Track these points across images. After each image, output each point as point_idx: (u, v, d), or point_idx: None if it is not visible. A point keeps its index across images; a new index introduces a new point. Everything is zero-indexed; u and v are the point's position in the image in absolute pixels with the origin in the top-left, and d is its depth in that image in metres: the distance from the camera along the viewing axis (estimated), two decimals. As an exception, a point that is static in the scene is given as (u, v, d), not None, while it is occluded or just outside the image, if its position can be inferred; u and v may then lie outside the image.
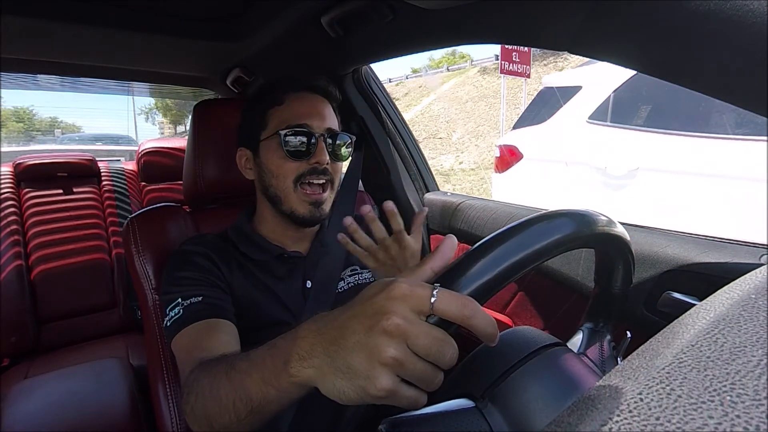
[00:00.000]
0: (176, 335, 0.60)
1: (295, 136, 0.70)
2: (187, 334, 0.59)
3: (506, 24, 0.66)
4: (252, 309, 0.69)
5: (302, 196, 0.71)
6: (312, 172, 0.71)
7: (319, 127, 0.72)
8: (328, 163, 0.71)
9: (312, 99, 0.74)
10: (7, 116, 22.44)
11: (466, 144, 9.48)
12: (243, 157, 0.78)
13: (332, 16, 0.89)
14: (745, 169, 1.84)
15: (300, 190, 0.71)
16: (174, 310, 0.62)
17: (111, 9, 0.97)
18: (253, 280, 0.71)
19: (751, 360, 0.19)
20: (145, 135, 26.06)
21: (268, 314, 0.70)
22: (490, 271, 0.31)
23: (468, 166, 8.53)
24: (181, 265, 0.68)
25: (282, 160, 0.71)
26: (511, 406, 0.37)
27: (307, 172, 0.71)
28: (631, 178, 2.27)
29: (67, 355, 1.42)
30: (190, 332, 0.59)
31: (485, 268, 0.31)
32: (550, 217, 0.35)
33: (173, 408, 0.74)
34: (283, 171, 0.71)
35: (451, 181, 7.71)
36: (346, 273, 0.79)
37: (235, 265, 0.71)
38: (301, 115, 0.71)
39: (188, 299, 0.62)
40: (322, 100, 0.75)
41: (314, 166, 0.70)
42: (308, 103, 0.73)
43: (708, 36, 0.42)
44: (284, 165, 0.71)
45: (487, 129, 9.54)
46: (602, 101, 2.54)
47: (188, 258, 0.69)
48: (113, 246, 1.67)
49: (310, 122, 0.71)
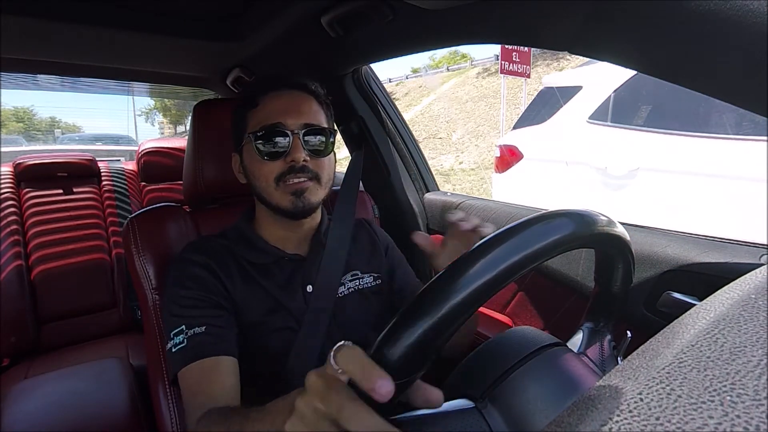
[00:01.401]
0: (182, 369, 0.62)
1: (269, 137, 0.69)
2: (191, 374, 0.62)
3: (506, 24, 0.66)
4: (255, 318, 0.69)
5: (283, 190, 0.70)
6: (290, 171, 0.69)
7: (294, 123, 0.70)
8: (306, 160, 0.69)
9: (288, 95, 0.72)
10: (7, 116, 22.44)
11: (466, 144, 9.48)
12: (235, 161, 0.77)
13: (332, 16, 0.89)
14: (745, 169, 1.84)
15: (281, 186, 0.70)
16: (178, 337, 0.63)
17: (111, 9, 0.97)
18: (255, 288, 0.71)
19: (751, 360, 0.19)
20: (145, 135, 26.09)
21: (272, 322, 0.70)
22: (489, 272, 0.31)
23: (468, 166, 8.53)
24: (182, 281, 0.68)
25: (259, 162, 0.70)
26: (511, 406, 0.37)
27: (286, 171, 0.69)
28: (632, 178, 2.27)
29: (67, 355, 1.42)
30: (194, 371, 0.61)
31: (485, 268, 0.31)
32: (549, 217, 0.35)
33: (173, 408, 0.74)
34: (262, 173, 0.70)
35: (451, 181, 7.71)
36: (347, 278, 0.78)
37: (236, 272, 0.71)
38: (275, 113, 0.70)
39: (192, 328, 0.63)
40: (299, 95, 0.73)
41: (291, 165, 0.69)
42: (284, 100, 0.72)
43: (708, 36, 0.42)
44: (262, 167, 0.70)
45: (487, 129, 9.54)
46: (602, 101, 2.54)
47: (189, 272, 0.68)
48: (113, 246, 1.67)
49: (284, 120, 0.69)
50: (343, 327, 0.74)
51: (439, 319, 0.30)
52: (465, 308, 0.30)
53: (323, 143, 0.72)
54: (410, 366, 0.31)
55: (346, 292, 0.77)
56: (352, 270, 0.80)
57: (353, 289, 0.78)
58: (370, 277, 0.81)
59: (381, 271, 0.83)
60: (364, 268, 0.81)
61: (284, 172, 0.69)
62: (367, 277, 0.81)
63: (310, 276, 0.74)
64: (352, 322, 0.75)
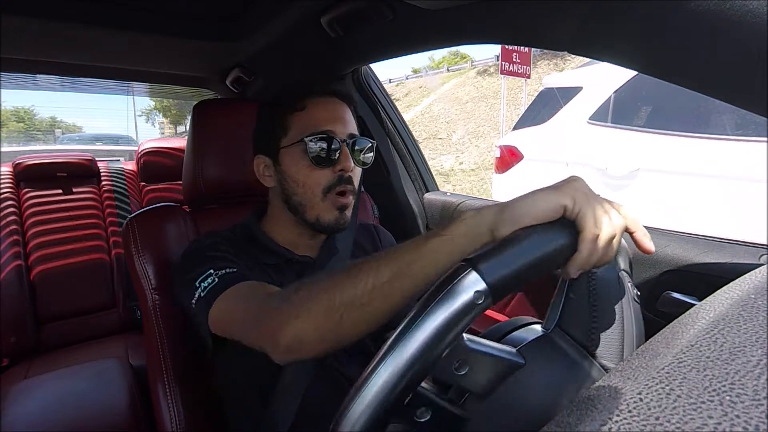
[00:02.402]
0: (220, 297, 0.58)
1: (320, 143, 0.68)
2: (236, 292, 0.58)
3: (506, 24, 0.66)
4: None
5: (331, 203, 0.70)
6: (340, 182, 0.69)
7: (342, 132, 0.70)
8: (352, 170, 0.70)
9: (333, 104, 0.72)
10: (7, 116, 22.46)
11: (467, 144, 9.48)
12: (261, 164, 0.75)
13: (332, 16, 0.89)
14: (745, 170, 1.85)
15: (329, 198, 0.70)
16: (206, 281, 0.59)
17: (111, 9, 0.97)
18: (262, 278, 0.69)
19: (750, 360, 0.19)
20: (145, 135, 26.06)
21: None
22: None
23: (468, 166, 8.53)
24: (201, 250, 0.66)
25: (308, 168, 0.69)
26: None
27: (335, 181, 0.69)
28: (632, 178, 2.27)
29: (67, 355, 1.42)
30: (239, 289, 0.58)
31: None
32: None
33: (173, 408, 0.74)
34: (310, 180, 0.69)
35: (451, 182, 7.72)
36: None
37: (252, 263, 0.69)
38: (324, 120, 0.69)
39: (221, 270, 0.60)
40: (342, 104, 0.73)
41: (340, 174, 0.69)
42: (330, 108, 0.71)
43: (708, 36, 0.42)
44: (311, 174, 0.69)
45: (487, 129, 9.54)
46: (603, 102, 2.54)
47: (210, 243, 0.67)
48: (113, 246, 1.67)
49: (333, 128, 0.69)
50: None
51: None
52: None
53: (368, 155, 0.73)
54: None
55: None
56: None
57: None
58: None
59: None
60: None
61: (333, 183, 0.69)
62: None
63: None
64: None
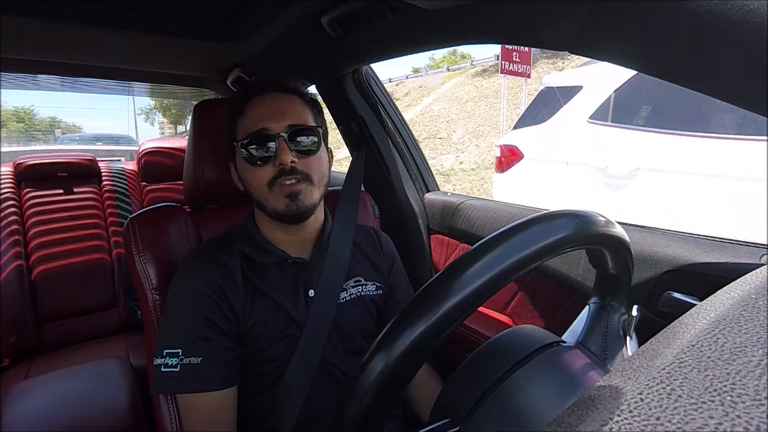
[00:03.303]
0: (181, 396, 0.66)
1: (254, 143, 0.69)
2: (188, 402, 0.66)
3: (506, 24, 0.66)
4: (258, 328, 0.69)
5: (279, 191, 0.70)
6: (281, 174, 0.69)
7: (278, 126, 0.70)
8: (294, 162, 0.69)
9: (271, 98, 0.72)
10: (7, 116, 22.44)
11: (467, 144, 9.48)
12: (232, 169, 0.78)
13: (332, 16, 0.89)
14: (745, 169, 1.84)
15: (275, 189, 0.70)
16: (172, 359, 0.64)
17: (111, 9, 0.97)
18: (259, 298, 0.70)
19: (751, 360, 0.19)
20: (146, 135, 26.11)
21: (275, 329, 0.69)
22: (488, 272, 0.31)
23: (468, 166, 8.53)
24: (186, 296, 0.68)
25: (250, 169, 0.71)
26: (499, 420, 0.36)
27: (276, 174, 0.69)
28: (632, 178, 2.27)
29: (67, 355, 1.42)
30: (191, 404, 0.66)
31: (484, 268, 0.31)
32: (547, 218, 0.35)
33: (173, 408, 0.74)
34: (255, 179, 0.71)
35: (451, 181, 7.71)
36: (349, 284, 0.77)
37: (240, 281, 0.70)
38: (259, 119, 0.70)
39: (189, 357, 0.64)
40: (281, 96, 0.73)
41: (280, 168, 0.69)
42: (267, 103, 0.72)
43: (708, 36, 0.41)
44: (254, 174, 0.70)
45: (487, 129, 9.53)
46: (603, 101, 2.54)
47: (193, 286, 0.68)
48: (113, 246, 1.67)
49: (267, 125, 0.69)
50: (343, 333, 0.74)
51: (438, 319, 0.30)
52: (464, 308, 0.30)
53: (313, 143, 0.72)
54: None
55: (348, 298, 0.76)
56: (356, 276, 0.79)
57: (355, 295, 0.77)
58: (373, 285, 0.80)
59: (383, 282, 0.83)
60: (368, 275, 0.80)
61: (275, 176, 0.69)
62: (370, 285, 0.80)
63: (313, 280, 0.74)
64: (353, 329, 0.75)
